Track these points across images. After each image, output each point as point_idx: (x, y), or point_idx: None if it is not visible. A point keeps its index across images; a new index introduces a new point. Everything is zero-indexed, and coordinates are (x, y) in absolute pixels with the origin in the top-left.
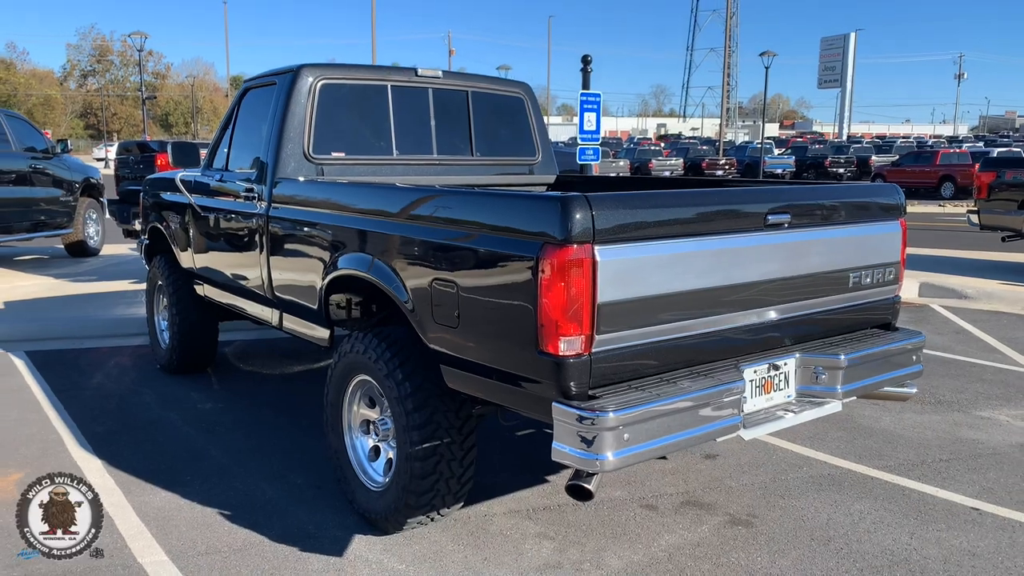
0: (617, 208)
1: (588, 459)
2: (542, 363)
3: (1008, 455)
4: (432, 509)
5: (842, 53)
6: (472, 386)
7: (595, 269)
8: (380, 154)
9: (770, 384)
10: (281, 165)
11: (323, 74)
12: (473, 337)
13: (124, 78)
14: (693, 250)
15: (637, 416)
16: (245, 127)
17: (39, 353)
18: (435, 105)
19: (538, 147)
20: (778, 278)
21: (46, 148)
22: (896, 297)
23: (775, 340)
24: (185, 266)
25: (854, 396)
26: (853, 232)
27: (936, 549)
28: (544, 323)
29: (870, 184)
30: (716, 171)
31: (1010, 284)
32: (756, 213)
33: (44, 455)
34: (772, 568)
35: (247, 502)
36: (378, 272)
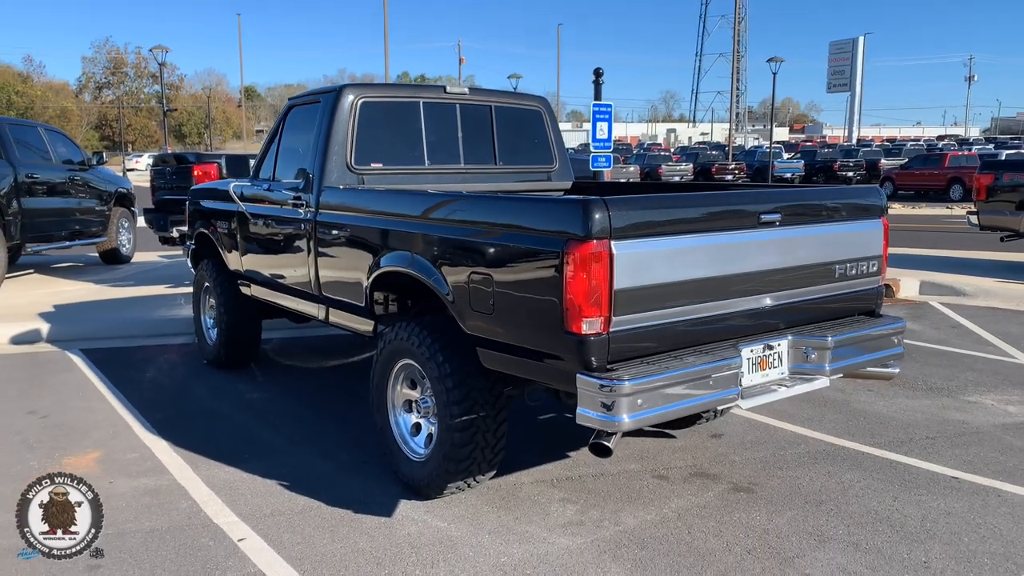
0: (630, 209)
1: (608, 420)
2: (568, 341)
3: (989, 433)
4: (469, 475)
5: (851, 57)
6: (506, 364)
7: (612, 261)
8: (414, 164)
9: (765, 362)
10: (327, 175)
11: (363, 93)
12: (506, 322)
13: (138, 90)
14: (695, 245)
15: (648, 385)
16: (290, 141)
17: (94, 351)
18: (462, 119)
19: (555, 155)
20: (771, 269)
21: (82, 160)
22: (880, 287)
23: (770, 324)
24: (232, 268)
25: (840, 374)
26: (838, 229)
27: (916, 509)
28: (569, 307)
29: (854, 187)
30: (726, 176)
31: (1007, 282)
32: (751, 213)
33: (115, 437)
34: (769, 525)
35: (302, 475)
36: (419, 267)
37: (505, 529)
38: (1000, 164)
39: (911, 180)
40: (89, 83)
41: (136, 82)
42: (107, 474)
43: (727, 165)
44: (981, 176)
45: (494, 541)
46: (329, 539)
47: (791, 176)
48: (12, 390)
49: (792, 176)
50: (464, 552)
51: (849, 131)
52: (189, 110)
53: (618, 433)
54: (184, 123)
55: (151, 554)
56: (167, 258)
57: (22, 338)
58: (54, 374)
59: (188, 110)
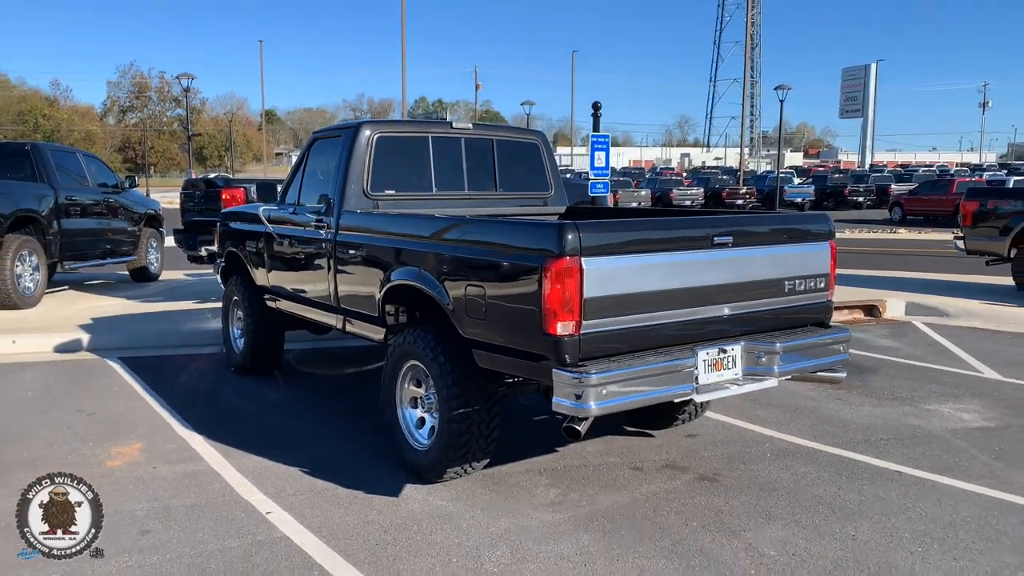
0: (598, 232)
1: (578, 407)
2: (546, 341)
3: (940, 436)
4: (465, 462)
5: (863, 83)
6: (497, 363)
7: (582, 275)
8: (423, 190)
9: (720, 364)
10: (346, 200)
11: (379, 128)
12: (497, 327)
13: (161, 113)
14: (656, 262)
15: (612, 378)
16: (314, 169)
17: (130, 359)
18: (467, 151)
19: (551, 183)
20: (724, 284)
21: (116, 184)
22: (828, 301)
23: (725, 331)
24: (259, 283)
25: (788, 376)
26: (786, 250)
27: (856, 495)
28: (546, 313)
29: (803, 214)
30: (736, 200)
31: (989, 303)
32: (704, 236)
33: (155, 432)
34: (724, 506)
35: (320, 463)
36: (425, 281)
37: (495, 507)
38: (985, 192)
39: (920, 205)
40: (114, 107)
41: (159, 106)
42: (150, 461)
43: (738, 190)
44: (967, 203)
45: (485, 516)
46: (344, 513)
47: (801, 201)
48: (60, 392)
49: (802, 201)
50: (459, 523)
51: (862, 156)
52: (210, 133)
53: (589, 418)
54: (205, 146)
55: (193, 522)
56: (192, 276)
57: (65, 347)
58: (96, 379)
59: (209, 133)
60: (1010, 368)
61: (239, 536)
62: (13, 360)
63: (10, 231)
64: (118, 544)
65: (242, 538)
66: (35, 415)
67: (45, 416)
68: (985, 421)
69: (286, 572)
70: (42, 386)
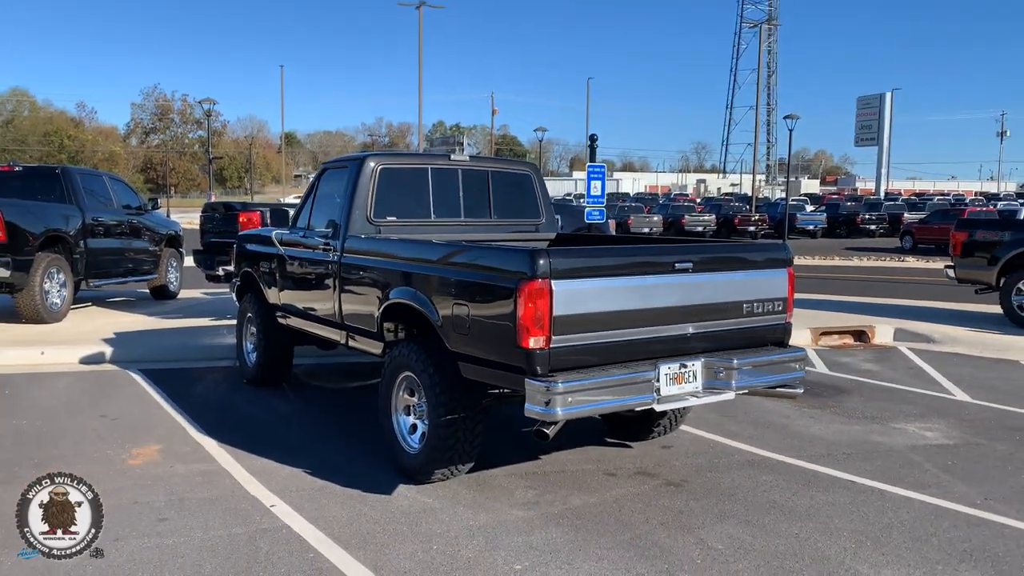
0: (566, 258)
1: (546, 413)
2: (519, 354)
3: (899, 451)
4: (451, 464)
5: (878, 112)
6: (479, 374)
7: (552, 295)
8: (422, 217)
9: (681, 377)
10: (351, 225)
11: (382, 161)
12: (479, 341)
13: (183, 135)
14: (620, 285)
15: (577, 388)
16: (323, 197)
17: (151, 371)
18: (463, 181)
19: (542, 212)
20: (685, 305)
21: (139, 206)
22: (786, 323)
23: (686, 347)
24: (271, 302)
25: (745, 390)
26: (745, 276)
27: (807, 500)
28: (520, 328)
29: (762, 242)
30: (748, 227)
31: (975, 331)
32: (666, 262)
33: (172, 435)
34: (684, 507)
35: (321, 465)
36: (417, 300)
37: (476, 504)
38: (974, 223)
39: (930, 234)
40: (137, 128)
41: (181, 127)
42: (167, 461)
43: (750, 217)
44: (956, 233)
45: (466, 511)
46: (340, 507)
47: (813, 228)
48: (85, 399)
49: (815, 228)
50: (442, 517)
51: (877, 184)
52: (231, 155)
53: (557, 423)
54: (226, 167)
55: (205, 512)
56: (210, 294)
57: (90, 359)
58: (119, 388)
59: (230, 155)
60: (981, 391)
61: (245, 524)
62: (42, 370)
63: (40, 250)
64: (139, 529)
65: (248, 526)
66: (64, 419)
67: (73, 420)
68: (945, 439)
69: (285, 554)
70: (69, 394)
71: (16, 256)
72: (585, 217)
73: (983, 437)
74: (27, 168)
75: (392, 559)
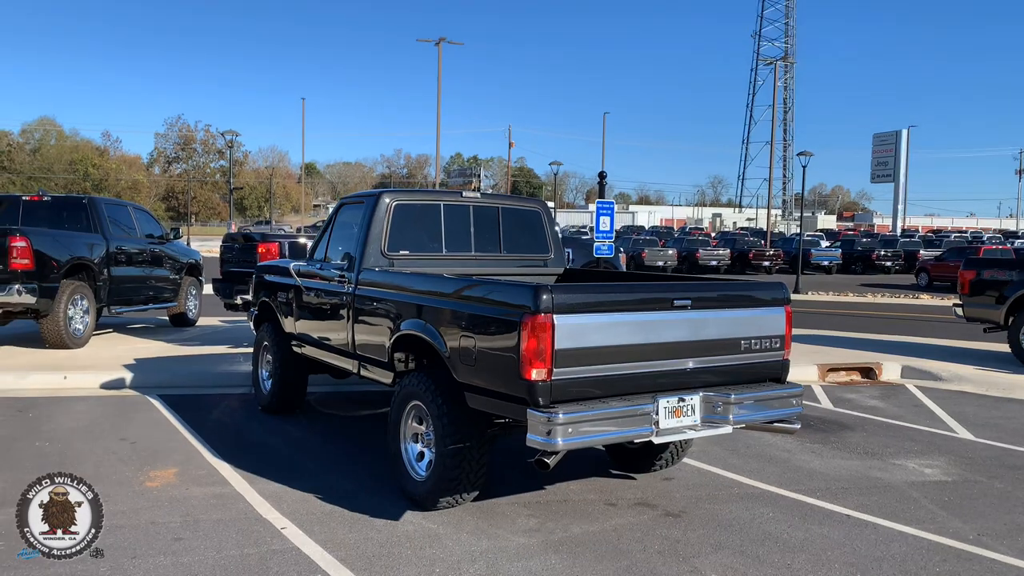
0: (568, 293)
1: (547, 443)
2: (522, 385)
3: (897, 487)
4: (457, 492)
5: (894, 148)
6: (484, 404)
7: (554, 329)
8: (434, 252)
9: (680, 411)
10: (365, 259)
11: (397, 197)
12: (485, 372)
13: (204, 164)
14: (621, 320)
15: (578, 419)
16: (339, 231)
17: (169, 396)
18: (475, 217)
19: (551, 247)
20: (683, 341)
21: (161, 235)
22: (784, 360)
23: (685, 382)
24: (287, 331)
25: (743, 424)
26: (743, 314)
27: (802, 533)
28: (523, 361)
29: (760, 282)
30: (763, 262)
31: (983, 369)
32: (665, 299)
33: (189, 460)
34: (681, 537)
35: (331, 491)
36: (427, 331)
37: (479, 531)
38: (982, 262)
39: (946, 271)
40: (160, 157)
41: (203, 157)
42: (183, 484)
43: (764, 252)
44: (964, 272)
45: (469, 537)
46: (348, 530)
47: (828, 264)
48: (106, 423)
49: (829, 264)
50: (446, 543)
51: (894, 221)
52: (251, 184)
53: (558, 453)
54: (246, 197)
55: (219, 533)
56: (227, 323)
57: (111, 384)
58: (138, 412)
59: (251, 184)
60: (984, 430)
61: (257, 545)
62: (65, 394)
63: (65, 277)
64: (155, 547)
65: (259, 547)
66: (86, 442)
67: (94, 443)
68: (944, 476)
69: (294, 574)
70: (90, 417)
71: (42, 283)
72: (594, 252)
73: (982, 475)
74: (55, 198)
75: None
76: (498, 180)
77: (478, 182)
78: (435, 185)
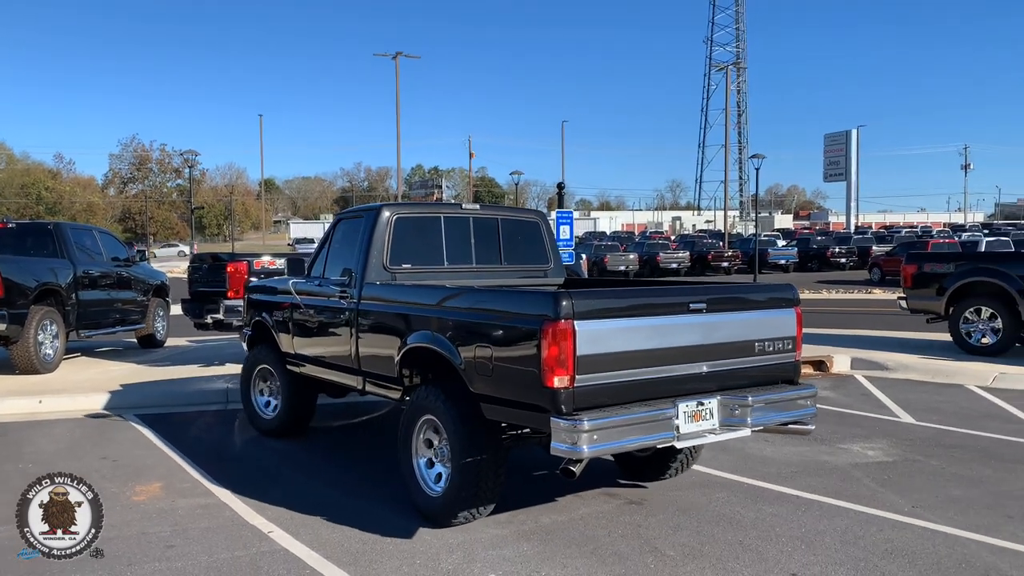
0: (588, 299)
1: (573, 451)
2: (544, 394)
3: (842, 468)
4: (475, 506)
5: (845, 148)
6: (502, 415)
7: (575, 336)
8: (436, 264)
9: (699, 415)
10: (368, 273)
11: (397, 210)
12: (502, 382)
13: (161, 184)
14: (639, 325)
15: (602, 425)
16: (338, 246)
17: (146, 416)
18: (475, 229)
19: (551, 257)
20: (700, 344)
21: (127, 258)
22: (795, 361)
23: (703, 385)
24: (284, 350)
25: (761, 427)
26: (755, 316)
27: (753, 513)
28: (545, 369)
29: (771, 284)
30: (722, 263)
31: (926, 357)
32: (681, 303)
33: (172, 475)
34: (644, 522)
35: (312, 497)
36: (438, 343)
37: (455, 525)
38: (923, 256)
39: (897, 266)
40: (115, 178)
41: (160, 176)
42: (169, 496)
43: (723, 253)
44: (907, 266)
45: (446, 531)
46: (331, 530)
47: (785, 263)
48: (87, 444)
49: (786, 263)
50: (424, 537)
51: (848, 218)
52: (210, 202)
53: (583, 460)
54: (205, 215)
55: (209, 539)
56: (196, 342)
57: (87, 406)
58: (117, 432)
59: (209, 202)
60: (925, 414)
61: (246, 548)
62: (41, 418)
63: (34, 303)
64: (149, 555)
65: (249, 549)
66: (67, 462)
67: (76, 463)
68: (885, 456)
69: (284, 571)
70: (70, 439)
71: (12, 310)
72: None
73: (920, 454)
74: (20, 224)
75: (380, 571)
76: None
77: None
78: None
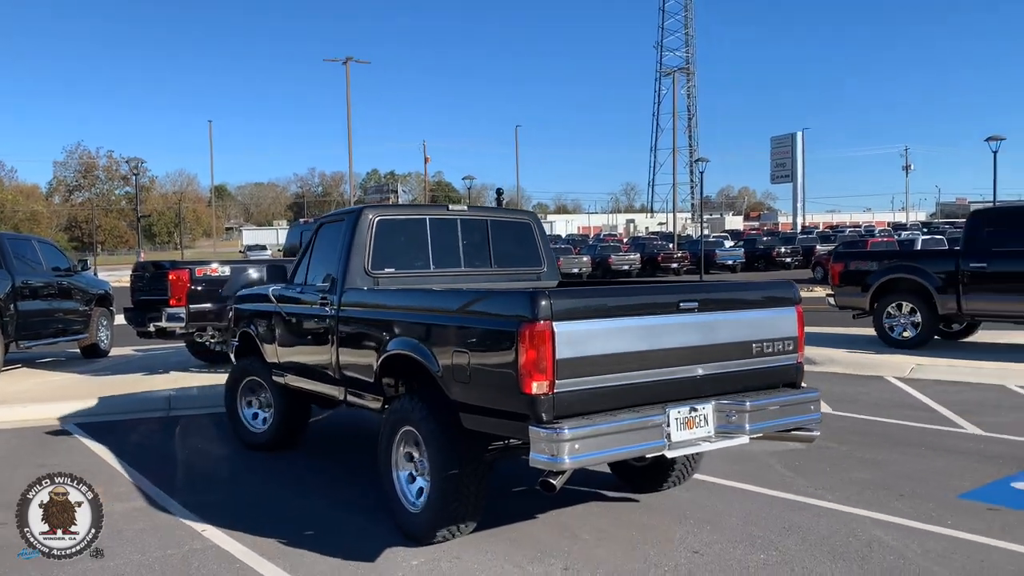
0: (567, 298)
1: (552, 462)
2: (522, 400)
3: (759, 456)
4: (456, 522)
5: (791, 150)
6: (481, 424)
7: (554, 338)
8: (421, 268)
9: (692, 422)
10: (348, 278)
11: (380, 212)
12: (480, 388)
13: (109, 191)
14: (624, 326)
15: (584, 434)
16: (320, 251)
17: (86, 424)
18: (462, 231)
19: (543, 259)
20: (692, 346)
21: (68, 267)
22: (797, 363)
23: (696, 390)
24: (269, 360)
25: (760, 434)
26: (752, 315)
27: (668, 499)
28: (522, 373)
29: (770, 281)
30: (671, 264)
31: (852, 351)
32: (671, 302)
33: (111, 481)
34: (564, 511)
35: (251, 497)
36: (416, 349)
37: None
38: (848, 254)
39: None
40: (60, 186)
41: (107, 184)
42: (107, 501)
43: (672, 254)
44: (834, 264)
45: (375, 527)
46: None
47: (733, 263)
48: (24, 453)
49: (734, 263)
50: (350, 529)
51: (795, 219)
52: (160, 210)
53: (565, 473)
54: (155, 223)
55: (142, 540)
56: (140, 351)
57: (25, 417)
58: (56, 441)
59: (159, 210)
60: (844, 404)
61: (178, 546)
62: None
63: None
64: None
65: (181, 547)
66: (7, 471)
67: (15, 471)
68: (799, 444)
69: (215, 567)
70: (7, 449)
71: None
72: None
73: (832, 441)
74: None
75: (309, 563)
76: (416, 195)
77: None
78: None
